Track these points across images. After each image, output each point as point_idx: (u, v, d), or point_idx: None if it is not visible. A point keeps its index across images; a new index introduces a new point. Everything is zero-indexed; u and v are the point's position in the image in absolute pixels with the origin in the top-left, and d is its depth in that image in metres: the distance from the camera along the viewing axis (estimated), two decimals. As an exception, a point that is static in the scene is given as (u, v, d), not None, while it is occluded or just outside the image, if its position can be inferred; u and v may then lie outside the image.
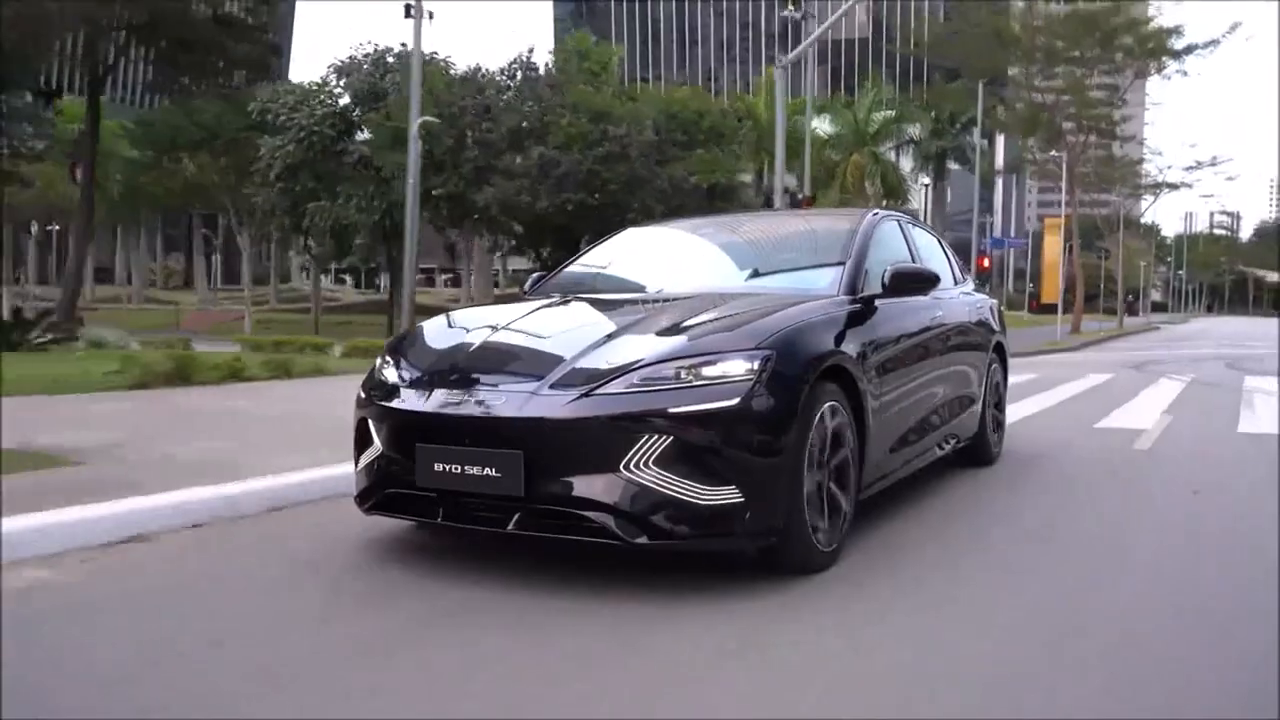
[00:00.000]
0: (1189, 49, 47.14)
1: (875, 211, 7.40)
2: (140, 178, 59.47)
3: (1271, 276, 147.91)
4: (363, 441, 5.39)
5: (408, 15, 28.10)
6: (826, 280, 6.21)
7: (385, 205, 43.15)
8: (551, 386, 4.82)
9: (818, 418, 5.05)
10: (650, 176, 41.09)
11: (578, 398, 4.73)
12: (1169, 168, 72.00)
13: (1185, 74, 50.11)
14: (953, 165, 70.38)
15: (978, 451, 8.28)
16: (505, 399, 4.86)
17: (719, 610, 4.56)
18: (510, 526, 4.76)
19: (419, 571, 5.18)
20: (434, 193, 41.57)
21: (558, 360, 5.04)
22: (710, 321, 5.30)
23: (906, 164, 64.52)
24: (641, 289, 6.73)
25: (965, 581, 5.17)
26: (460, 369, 5.25)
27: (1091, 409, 13.33)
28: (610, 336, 5.22)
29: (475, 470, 4.76)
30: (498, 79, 46.04)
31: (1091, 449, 9.73)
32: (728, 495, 4.65)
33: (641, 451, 4.59)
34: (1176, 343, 38.68)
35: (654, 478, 4.59)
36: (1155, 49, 47.41)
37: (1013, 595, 4.94)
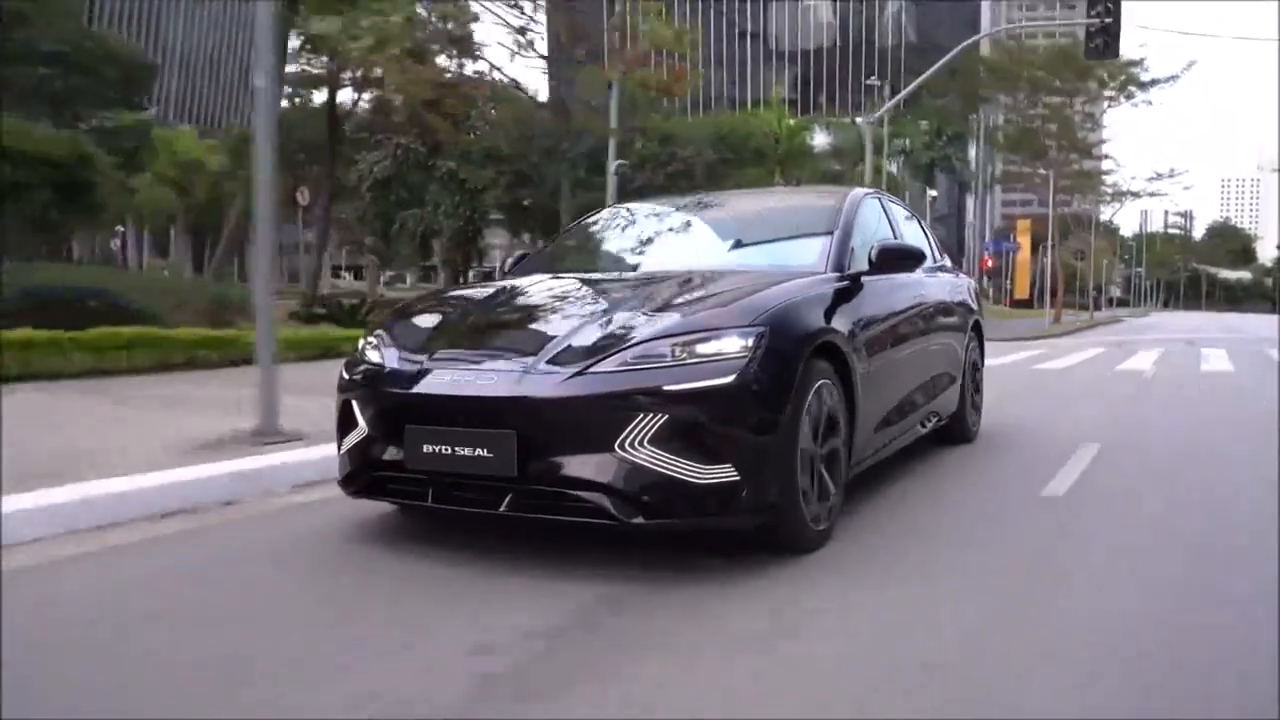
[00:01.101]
0: (1154, 82, 47.02)
1: (858, 189, 6.38)
2: (226, 185, 57.69)
3: (1223, 274, 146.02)
4: (346, 424, 4.54)
5: (609, 87, 28.79)
6: (813, 257, 5.25)
7: (469, 213, 43.28)
8: (544, 365, 4.03)
9: (811, 395, 4.26)
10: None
11: (571, 376, 3.94)
12: (1134, 179, 75.94)
13: (1150, 103, 51.69)
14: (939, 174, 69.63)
15: (957, 429, 7.26)
16: (497, 378, 4.06)
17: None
18: (503, 508, 3.98)
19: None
20: (524, 203, 41.95)
21: (550, 338, 4.24)
22: (701, 299, 4.45)
23: (895, 171, 63.38)
24: (627, 267, 5.80)
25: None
26: (449, 348, 4.42)
27: (1105, 364, 17.60)
28: (601, 314, 4.41)
29: (466, 451, 3.98)
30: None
31: (1119, 379, 14.40)
32: (724, 473, 3.89)
33: (636, 430, 3.82)
34: (1143, 330, 40.50)
35: (649, 457, 3.82)
36: (1125, 81, 47.14)
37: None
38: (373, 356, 4.58)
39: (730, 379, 3.91)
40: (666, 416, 3.83)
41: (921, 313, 6.15)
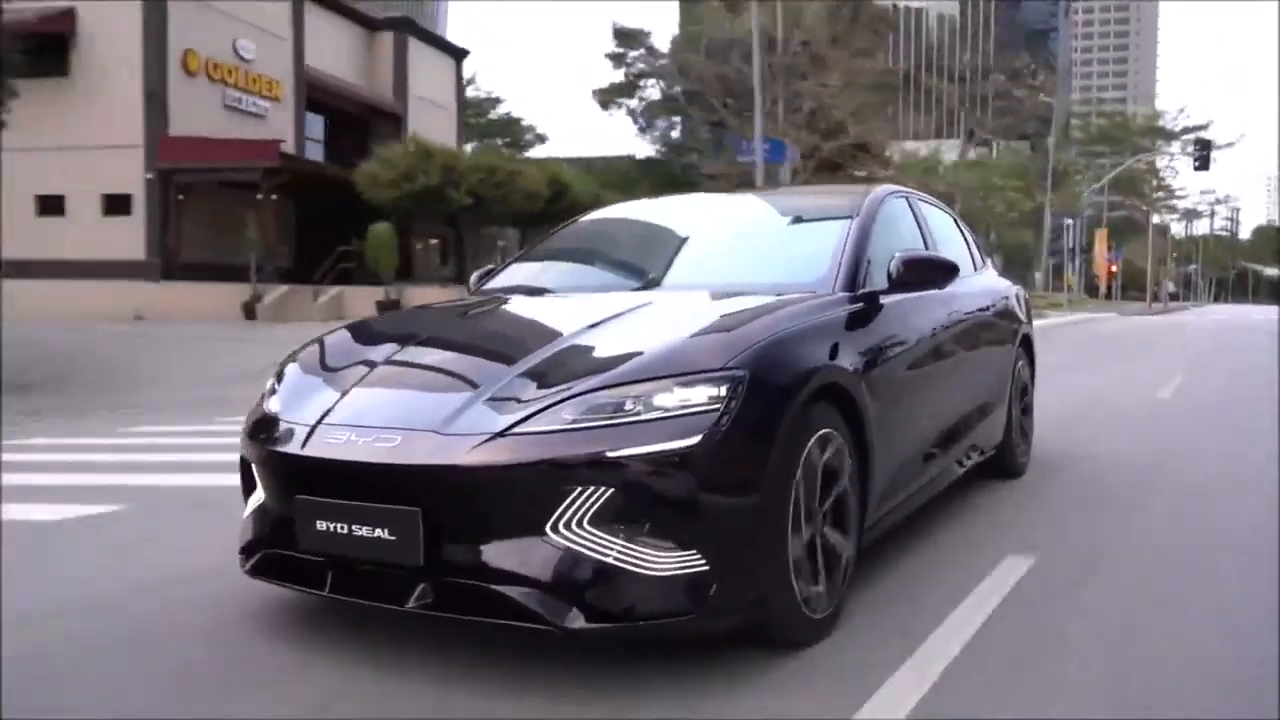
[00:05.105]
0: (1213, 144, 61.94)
1: (882, 187, 5.15)
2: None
3: (1268, 271, 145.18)
4: (248, 485, 3.68)
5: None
6: (819, 273, 4.18)
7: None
8: (460, 423, 3.10)
9: (806, 453, 3.28)
10: None
11: (490, 438, 3.01)
12: (1198, 203, 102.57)
13: (1215, 160, 71.83)
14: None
15: (1002, 462, 6.08)
16: (401, 440, 3.10)
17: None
18: (410, 604, 3.05)
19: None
20: None
21: (475, 385, 3.29)
22: (671, 331, 3.45)
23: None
24: (599, 284, 4.73)
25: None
26: (354, 398, 3.44)
27: (1205, 318, 46.01)
28: (545, 352, 3.44)
29: (365, 531, 3.07)
30: None
31: (1209, 323, 37.33)
32: (689, 562, 2.95)
33: (574, 508, 2.92)
34: (1206, 311, 61.54)
35: (591, 541, 2.92)
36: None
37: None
38: (271, 405, 3.65)
39: (694, 440, 2.96)
40: (611, 490, 2.92)
41: (956, 335, 5.06)
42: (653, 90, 56.06)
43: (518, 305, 4.40)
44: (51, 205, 28.90)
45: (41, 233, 28.26)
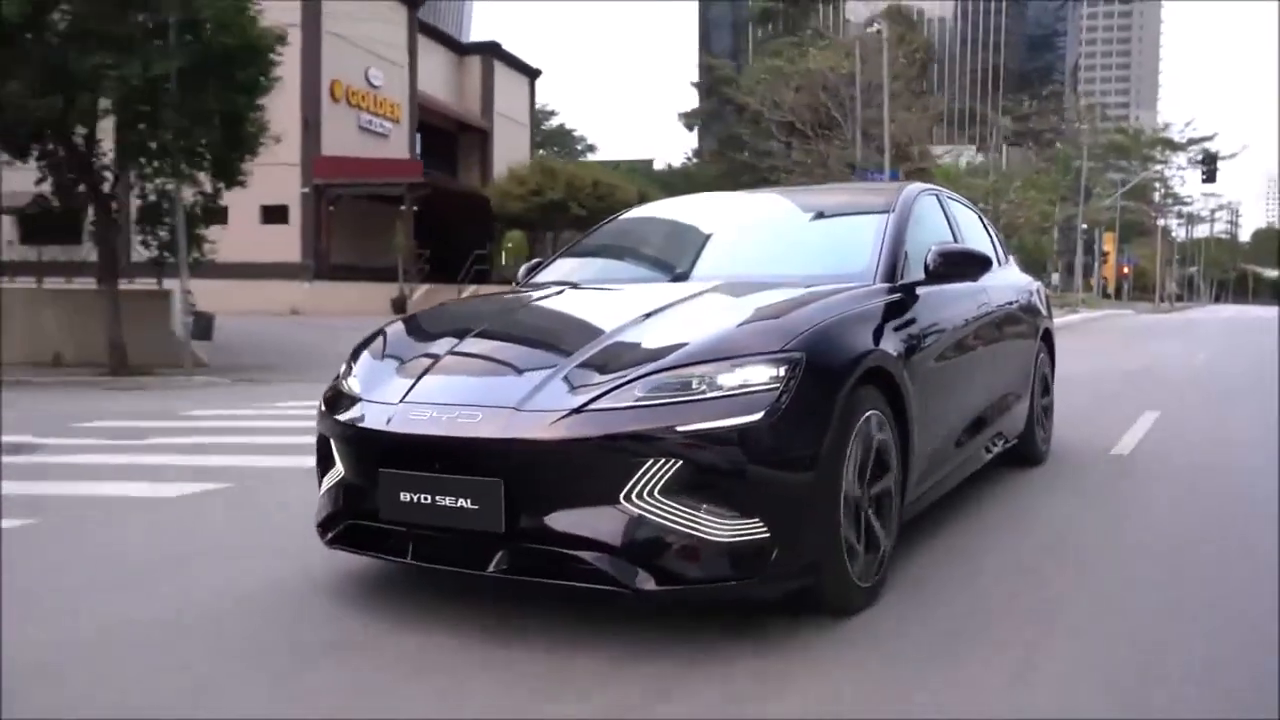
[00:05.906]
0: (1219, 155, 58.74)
1: (913, 184, 4.76)
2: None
3: (1268, 272, 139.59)
4: (324, 461, 3.41)
5: None
6: (860, 265, 3.87)
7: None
8: (537, 400, 2.89)
9: (856, 431, 3.04)
10: None
11: (568, 414, 2.81)
12: (1201, 208, 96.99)
13: (1220, 169, 65.73)
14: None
15: (1025, 451, 5.57)
16: (482, 416, 2.90)
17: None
18: (490, 568, 2.85)
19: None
20: None
21: (545, 367, 3.07)
22: (727, 317, 3.24)
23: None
24: (648, 275, 4.47)
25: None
26: (431, 379, 3.21)
27: (1213, 315, 45.66)
28: (608, 338, 3.18)
29: (448, 501, 2.87)
30: None
31: (1216, 319, 37.79)
32: (751, 529, 2.73)
33: (645, 479, 2.70)
34: (1210, 309, 63.92)
35: (661, 510, 2.70)
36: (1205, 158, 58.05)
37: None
38: (350, 385, 3.42)
39: (757, 416, 2.75)
40: (680, 462, 2.70)
41: (984, 326, 4.66)
42: (729, 111, 58.63)
43: (572, 297, 4.05)
44: (215, 215, 29.39)
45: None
